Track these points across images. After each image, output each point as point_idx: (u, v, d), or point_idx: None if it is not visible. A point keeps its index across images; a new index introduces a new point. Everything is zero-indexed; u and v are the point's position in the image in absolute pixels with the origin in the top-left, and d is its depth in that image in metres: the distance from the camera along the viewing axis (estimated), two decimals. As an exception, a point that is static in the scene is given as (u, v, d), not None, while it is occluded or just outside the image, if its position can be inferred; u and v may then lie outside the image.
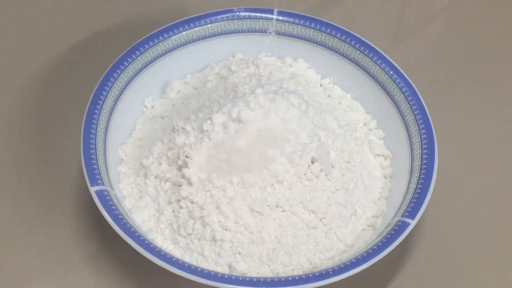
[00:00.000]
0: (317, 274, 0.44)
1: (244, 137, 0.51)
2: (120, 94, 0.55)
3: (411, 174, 0.52)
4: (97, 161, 0.49)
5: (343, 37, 0.59)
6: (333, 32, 0.59)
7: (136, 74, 0.57)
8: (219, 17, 0.59)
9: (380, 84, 0.57)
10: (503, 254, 0.55)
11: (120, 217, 0.46)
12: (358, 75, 0.59)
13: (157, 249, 0.45)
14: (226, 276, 0.44)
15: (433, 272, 0.53)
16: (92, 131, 0.51)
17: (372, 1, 0.74)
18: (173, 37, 0.58)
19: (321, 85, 0.61)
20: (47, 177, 0.57)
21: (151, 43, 0.57)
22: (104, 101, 0.53)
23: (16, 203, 0.55)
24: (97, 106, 0.52)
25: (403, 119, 0.55)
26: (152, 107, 0.58)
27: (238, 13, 0.60)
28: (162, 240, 0.50)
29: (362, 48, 0.58)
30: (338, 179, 0.51)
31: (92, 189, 0.47)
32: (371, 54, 0.58)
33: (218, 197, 0.49)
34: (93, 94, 0.53)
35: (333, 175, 0.51)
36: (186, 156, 0.50)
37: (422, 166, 0.51)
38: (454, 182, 0.58)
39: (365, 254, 0.46)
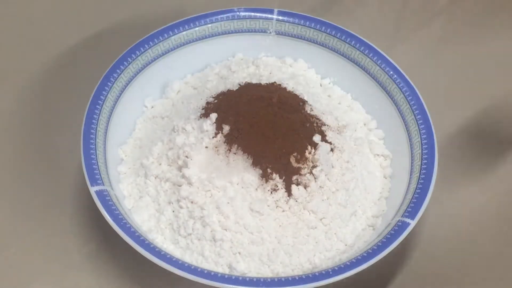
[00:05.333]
0: (317, 274, 0.44)
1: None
2: (120, 94, 0.55)
3: (411, 174, 0.52)
4: (97, 161, 0.49)
5: (343, 37, 0.59)
6: (333, 32, 0.59)
7: (136, 74, 0.57)
8: (219, 17, 0.59)
9: (380, 84, 0.57)
10: (503, 254, 0.55)
11: (120, 217, 0.46)
12: (358, 75, 0.59)
13: (157, 249, 0.45)
14: (226, 276, 0.44)
15: (433, 272, 0.53)
16: (92, 131, 0.51)
17: (372, 1, 0.74)
18: (173, 37, 0.58)
19: (321, 85, 0.61)
20: (47, 177, 0.57)
21: (151, 43, 0.57)
22: (104, 101, 0.53)
23: (16, 203, 0.55)
24: (97, 106, 0.52)
25: (403, 119, 0.55)
26: (152, 107, 0.58)
27: (238, 13, 0.60)
28: (162, 240, 0.50)
29: (362, 48, 0.58)
30: (338, 179, 0.51)
31: (92, 189, 0.47)
32: (371, 54, 0.58)
33: (218, 197, 0.49)
34: (93, 94, 0.53)
35: (333, 175, 0.51)
36: (186, 156, 0.50)
37: (422, 166, 0.51)
38: (454, 182, 0.58)
39: (365, 254, 0.46)
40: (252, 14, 0.60)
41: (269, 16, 0.60)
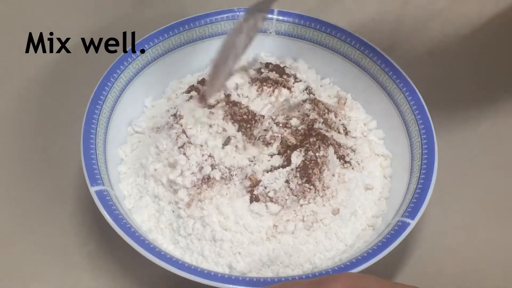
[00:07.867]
0: (317, 274, 0.44)
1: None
2: (120, 94, 0.55)
3: (411, 174, 0.52)
4: (97, 161, 0.49)
5: (343, 37, 0.59)
6: (333, 32, 0.59)
7: (136, 74, 0.57)
8: (219, 17, 0.59)
9: (380, 84, 0.57)
10: (502, 254, 0.55)
11: (120, 217, 0.46)
12: (358, 75, 0.59)
13: (157, 249, 0.45)
14: (226, 276, 0.44)
15: (433, 272, 0.53)
16: (92, 131, 0.51)
17: (372, 1, 0.74)
18: (173, 37, 0.58)
19: (321, 85, 0.61)
20: (47, 177, 0.57)
21: (151, 43, 0.57)
22: (104, 101, 0.53)
23: (16, 203, 0.55)
24: (97, 106, 0.52)
25: (403, 119, 0.55)
26: (153, 106, 0.58)
27: (238, 13, 0.60)
28: (162, 240, 0.50)
29: (362, 48, 0.58)
30: (338, 179, 0.51)
31: (92, 189, 0.47)
32: (371, 54, 0.57)
33: (218, 198, 0.49)
34: (93, 94, 0.53)
35: (333, 175, 0.51)
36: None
37: (422, 166, 0.51)
38: (454, 182, 0.58)
39: (365, 254, 0.46)
40: (252, 14, 0.60)
41: (269, 16, 0.60)
